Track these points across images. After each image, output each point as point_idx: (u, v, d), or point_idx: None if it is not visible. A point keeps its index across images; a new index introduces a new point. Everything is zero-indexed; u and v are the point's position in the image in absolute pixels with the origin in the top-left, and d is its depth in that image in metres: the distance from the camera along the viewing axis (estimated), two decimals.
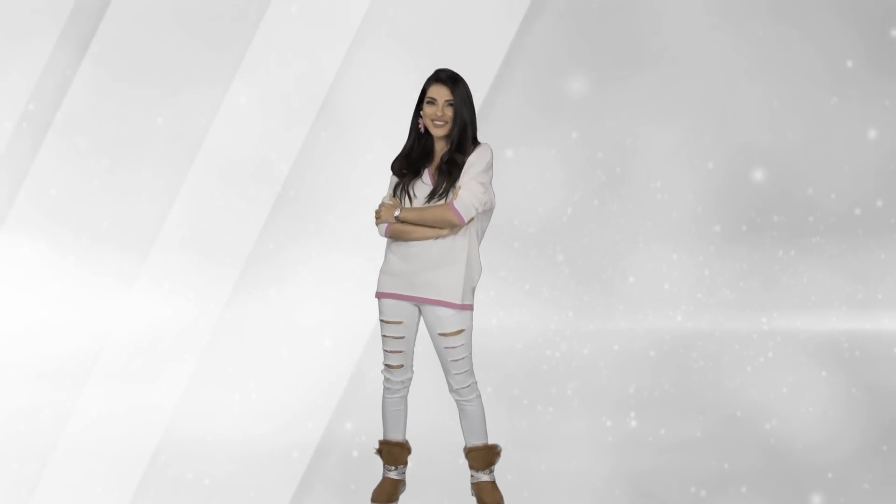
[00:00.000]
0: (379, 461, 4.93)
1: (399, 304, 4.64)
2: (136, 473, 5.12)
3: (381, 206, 4.63)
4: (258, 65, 7.59)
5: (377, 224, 4.63)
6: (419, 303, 4.63)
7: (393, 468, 4.82)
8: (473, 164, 4.56)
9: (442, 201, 4.55)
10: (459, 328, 4.60)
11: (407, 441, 4.85)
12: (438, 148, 4.65)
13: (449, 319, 4.59)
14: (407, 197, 4.61)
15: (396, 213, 4.57)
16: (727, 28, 7.80)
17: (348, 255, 7.38)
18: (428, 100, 4.59)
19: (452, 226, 4.54)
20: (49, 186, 7.50)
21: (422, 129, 4.63)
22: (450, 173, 4.57)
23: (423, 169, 4.63)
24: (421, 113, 4.61)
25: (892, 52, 7.86)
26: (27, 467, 5.20)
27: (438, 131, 4.59)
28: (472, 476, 4.81)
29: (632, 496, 5.02)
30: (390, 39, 7.61)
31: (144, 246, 7.51)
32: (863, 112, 7.89)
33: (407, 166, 4.64)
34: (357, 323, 6.81)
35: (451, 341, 4.61)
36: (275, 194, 7.61)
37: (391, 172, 4.71)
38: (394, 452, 4.80)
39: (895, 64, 7.87)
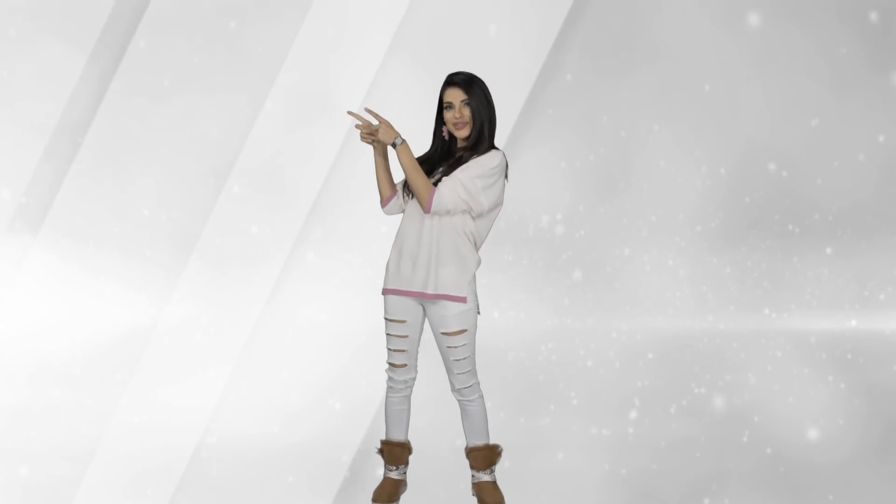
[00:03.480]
0: (380, 461, 4.95)
1: (402, 302, 4.65)
2: (174, 475, 5.17)
3: (381, 124, 4.50)
4: (287, 78, 7.63)
5: (371, 138, 4.52)
6: (421, 299, 4.63)
7: (394, 468, 4.83)
8: (471, 166, 4.53)
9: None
10: (462, 328, 4.61)
11: (408, 441, 4.85)
12: (465, 154, 4.63)
13: (451, 318, 4.60)
14: None
15: (398, 140, 4.49)
16: (728, 25, 7.79)
17: (365, 259, 7.40)
18: (445, 105, 4.58)
19: (421, 204, 4.51)
20: (82, 196, 7.55)
21: (446, 137, 4.65)
22: (454, 165, 4.58)
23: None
24: (444, 122, 4.62)
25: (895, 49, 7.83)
26: (68, 468, 5.24)
27: (461, 133, 4.58)
28: (472, 476, 4.82)
29: (632, 497, 5.02)
30: (420, 53, 7.64)
31: (168, 253, 7.56)
32: (870, 109, 7.85)
33: (429, 169, 4.62)
34: (359, 323, 6.84)
35: (453, 341, 4.62)
36: (295, 202, 7.66)
37: None
38: (395, 452, 4.81)
39: None
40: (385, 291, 4.68)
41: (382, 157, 4.68)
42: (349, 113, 4.68)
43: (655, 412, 6.20)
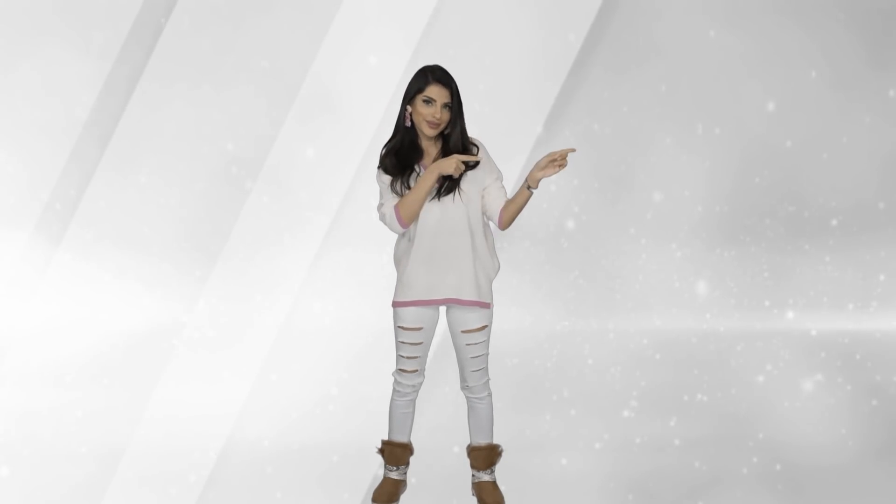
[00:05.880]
0: (380, 460, 5.00)
1: (420, 311, 4.65)
2: (196, 477, 5.24)
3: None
4: (313, 79, 7.69)
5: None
6: (446, 304, 4.64)
7: (394, 468, 4.86)
8: (491, 171, 4.63)
9: (450, 195, 4.56)
10: (483, 324, 4.66)
11: (411, 443, 4.89)
12: (426, 144, 4.63)
13: (474, 316, 4.65)
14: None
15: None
16: (731, 23, 7.72)
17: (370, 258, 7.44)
18: (425, 98, 4.52)
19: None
20: (107, 199, 7.65)
21: (408, 124, 4.59)
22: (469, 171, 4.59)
23: (416, 164, 4.61)
24: (408, 107, 4.58)
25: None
26: (100, 469, 5.32)
27: (430, 131, 4.55)
28: (473, 476, 4.87)
29: (632, 498, 5.03)
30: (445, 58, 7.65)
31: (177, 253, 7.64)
32: (871, 107, 7.76)
33: (397, 163, 4.60)
34: (358, 325, 6.88)
35: (474, 337, 4.67)
36: (318, 203, 7.72)
37: (382, 171, 4.62)
38: (396, 453, 4.85)
39: None
40: (403, 304, 4.65)
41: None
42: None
43: (657, 413, 6.16)
